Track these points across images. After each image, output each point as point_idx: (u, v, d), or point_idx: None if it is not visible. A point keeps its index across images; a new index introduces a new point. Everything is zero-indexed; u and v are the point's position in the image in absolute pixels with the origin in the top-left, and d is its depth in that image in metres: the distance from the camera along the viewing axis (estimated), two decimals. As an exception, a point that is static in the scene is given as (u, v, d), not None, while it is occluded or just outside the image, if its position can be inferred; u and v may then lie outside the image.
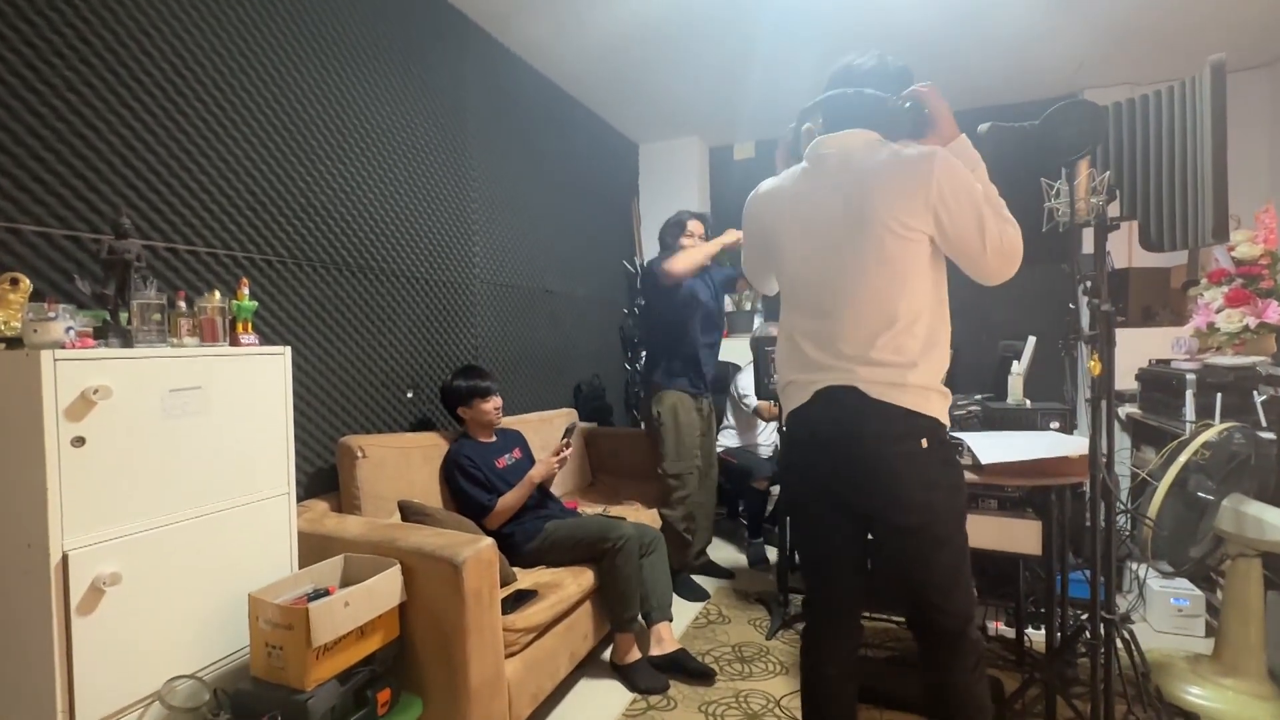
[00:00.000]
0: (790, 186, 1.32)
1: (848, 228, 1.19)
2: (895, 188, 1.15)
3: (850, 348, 1.18)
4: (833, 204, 1.21)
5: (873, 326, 1.16)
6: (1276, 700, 1.72)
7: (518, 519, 2.08)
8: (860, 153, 1.21)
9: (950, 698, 1.21)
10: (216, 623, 1.32)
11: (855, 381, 1.17)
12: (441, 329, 2.51)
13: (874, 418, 1.16)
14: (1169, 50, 3.02)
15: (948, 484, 1.20)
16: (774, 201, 1.35)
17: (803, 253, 1.27)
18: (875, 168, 1.17)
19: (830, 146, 1.25)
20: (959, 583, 1.20)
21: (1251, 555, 1.75)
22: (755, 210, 1.40)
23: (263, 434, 1.43)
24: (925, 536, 1.18)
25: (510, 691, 1.56)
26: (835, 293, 1.21)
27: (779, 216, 1.32)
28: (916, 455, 1.16)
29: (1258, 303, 2.21)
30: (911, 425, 1.16)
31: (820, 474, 1.24)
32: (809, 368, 1.24)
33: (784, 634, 2.28)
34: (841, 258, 1.20)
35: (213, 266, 1.68)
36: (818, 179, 1.26)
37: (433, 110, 2.48)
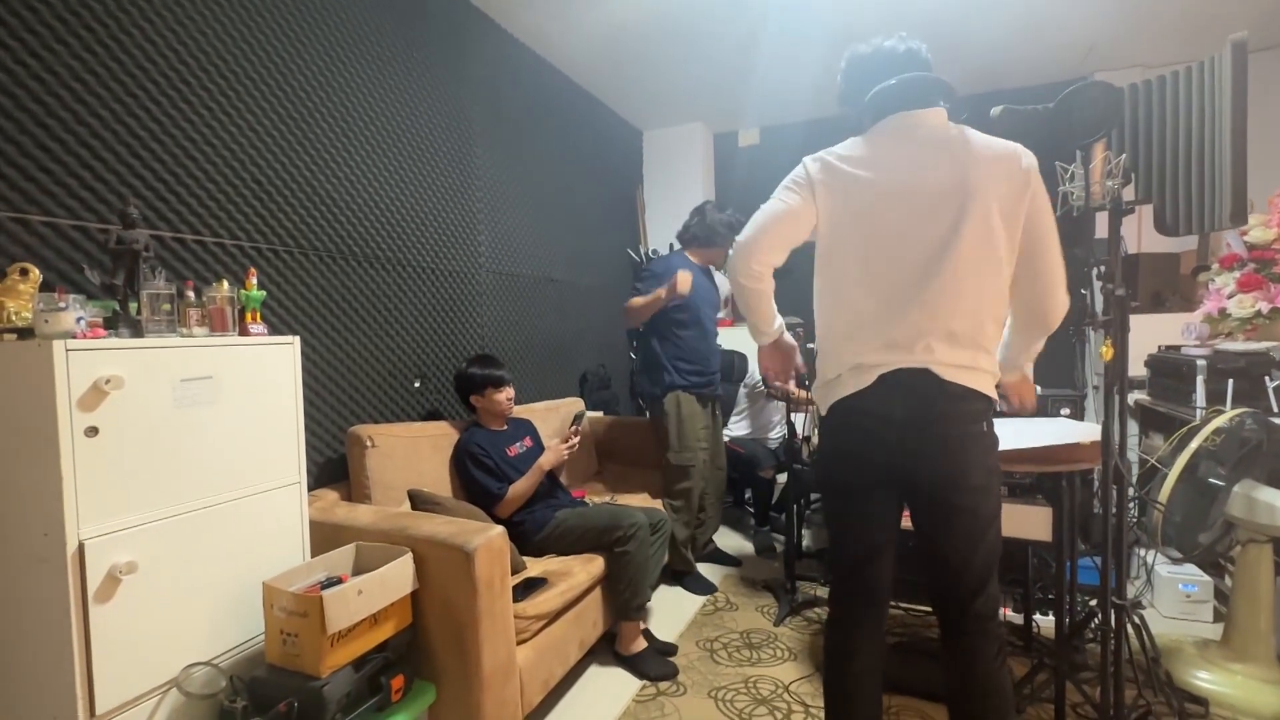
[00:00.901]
0: (873, 154, 1.23)
1: (950, 203, 1.15)
2: (999, 170, 1.14)
3: (935, 324, 1.15)
4: (935, 177, 1.17)
5: (964, 306, 1.15)
6: (1286, 685, 1.72)
7: (528, 508, 2.08)
8: (949, 130, 1.20)
9: (976, 686, 1.21)
10: (231, 610, 1.33)
11: (930, 363, 1.15)
12: (448, 319, 2.51)
13: (945, 399, 1.15)
14: (1182, 32, 2.98)
15: (996, 467, 1.21)
16: (859, 166, 1.23)
17: (893, 226, 1.19)
18: (973, 148, 1.16)
19: (918, 121, 1.21)
20: (995, 567, 1.21)
21: (1262, 541, 1.75)
22: (831, 172, 1.25)
23: (273, 423, 1.43)
24: (980, 517, 1.18)
25: (522, 678, 1.57)
26: (926, 268, 1.16)
27: (869, 184, 1.21)
28: (980, 437, 1.18)
29: (1270, 287, 2.19)
30: (977, 407, 1.17)
31: (882, 458, 1.21)
32: (874, 349, 1.19)
33: (791, 620, 2.29)
34: (941, 233, 1.15)
35: (220, 256, 1.68)
36: (911, 150, 1.20)
37: (437, 98, 2.46)
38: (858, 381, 1.20)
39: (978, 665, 1.21)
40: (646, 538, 1.98)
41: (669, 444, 2.54)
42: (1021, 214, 1.15)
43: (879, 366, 1.18)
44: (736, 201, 4.33)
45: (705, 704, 1.80)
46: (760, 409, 3.29)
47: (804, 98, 3.77)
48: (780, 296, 3.16)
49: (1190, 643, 1.94)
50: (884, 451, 1.20)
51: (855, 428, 1.24)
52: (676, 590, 2.56)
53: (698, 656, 2.05)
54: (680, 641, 2.14)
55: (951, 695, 1.26)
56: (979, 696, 1.21)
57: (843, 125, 1.31)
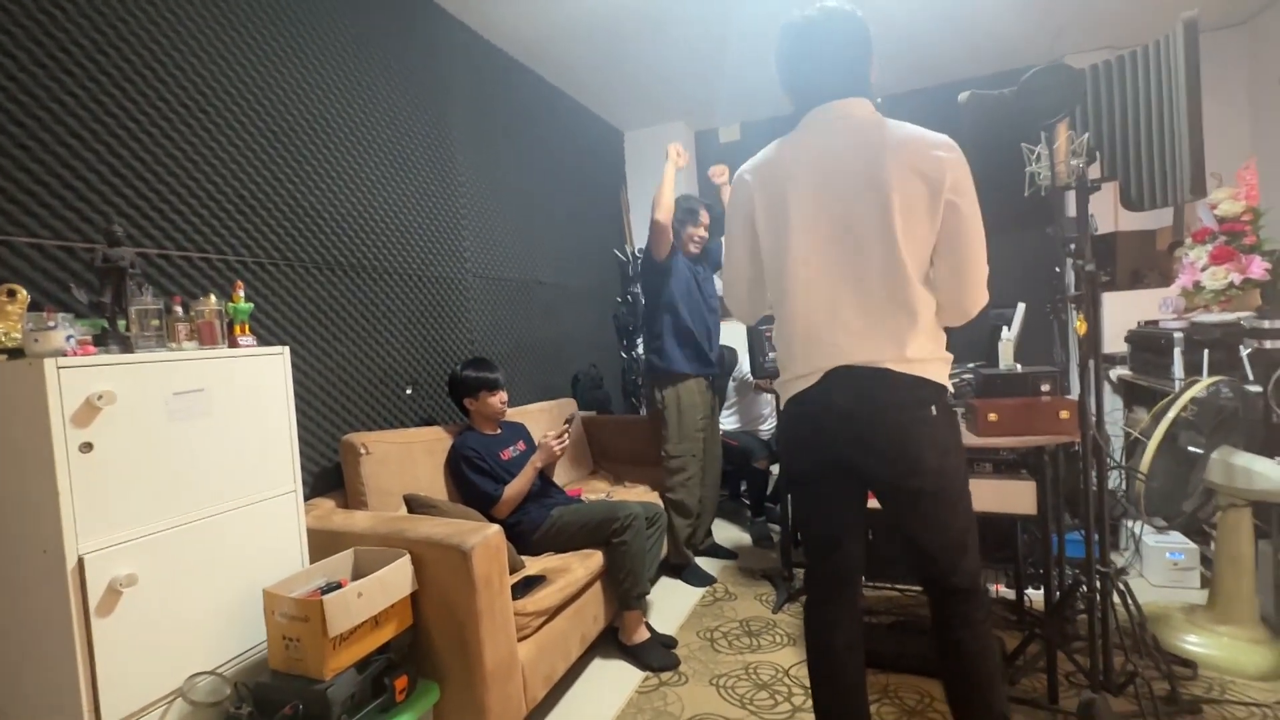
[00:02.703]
0: (792, 155, 1.25)
1: (865, 200, 1.16)
2: (910, 162, 1.14)
3: (867, 322, 1.18)
4: (849, 174, 1.18)
5: (891, 300, 1.16)
6: (1269, 644, 1.77)
7: (523, 509, 2.11)
8: (867, 121, 1.20)
9: (964, 651, 1.24)
10: (233, 619, 1.34)
11: (868, 361, 1.17)
12: (436, 325, 2.53)
13: (885, 388, 1.17)
14: (1146, 12, 3.03)
15: (955, 446, 1.22)
16: (778, 172, 1.26)
17: (812, 230, 1.21)
18: (888, 139, 1.16)
19: (838, 113, 1.22)
20: (969, 542, 1.23)
21: (1241, 505, 1.79)
22: (752, 185, 1.29)
23: (267, 433, 1.45)
24: (941, 500, 1.20)
25: (524, 673, 1.59)
26: (850, 268, 1.18)
27: (786, 190, 1.23)
28: (928, 421, 1.18)
29: (1241, 259, 2.24)
30: (922, 394, 1.18)
31: (830, 447, 1.24)
32: (816, 353, 1.22)
33: (790, 607, 2.32)
34: (860, 232, 1.17)
35: (206, 271, 1.69)
36: (827, 146, 1.21)
37: (416, 107, 2.48)
38: (805, 380, 1.24)
39: (963, 631, 1.24)
40: (643, 528, 2.01)
41: (667, 436, 2.57)
42: (939, 207, 1.14)
43: (820, 369, 1.22)
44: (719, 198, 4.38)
45: (707, 692, 1.83)
46: (750, 402, 3.33)
47: (780, 92, 3.81)
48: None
49: (1178, 608, 1.98)
50: (830, 441, 1.23)
51: (804, 419, 1.28)
52: (676, 583, 2.58)
53: (698, 646, 2.08)
54: (681, 633, 2.17)
55: (943, 666, 1.29)
56: (966, 660, 1.24)
57: None
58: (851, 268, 1.18)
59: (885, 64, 3.43)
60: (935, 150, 1.15)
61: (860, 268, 1.18)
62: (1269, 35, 3.09)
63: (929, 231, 1.16)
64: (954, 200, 1.14)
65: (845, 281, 1.19)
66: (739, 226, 1.34)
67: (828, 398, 1.22)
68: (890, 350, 1.17)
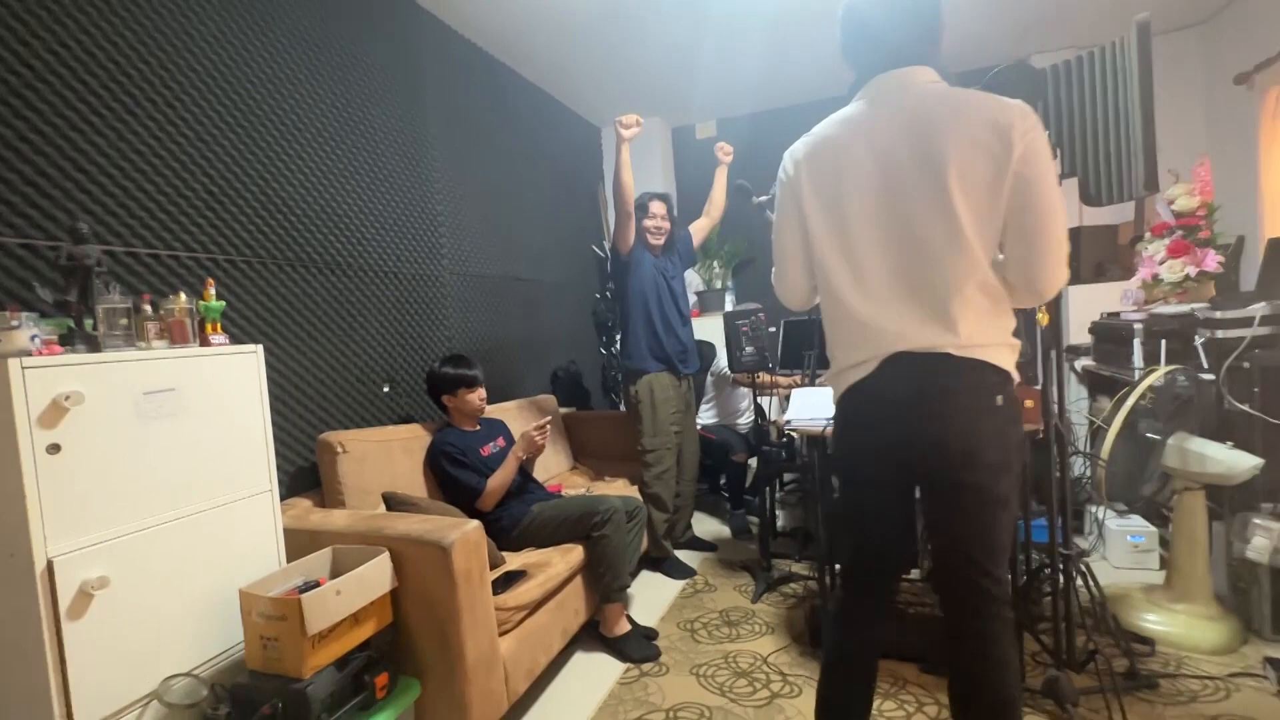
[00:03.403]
0: (846, 129, 1.16)
1: (922, 174, 1.07)
2: (972, 133, 1.04)
3: (924, 306, 1.10)
4: (903, 148, 1.09)
5: (950, 281, 1.08)
6: (1222, 620, 1.85)
7: (504, 505, 2.11)
8: (930, 90, 1.11)
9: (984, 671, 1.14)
10: (209, 620, 1.33)
11: (929, 346, 1.09)
12: (413, 322, 2.51)
13: (946, 373, 1.09)
14: (1108, 13, 3.12)
15: (1018, 442, 1.14)
16: (829, 147, 1.17)
17: (867, 208, 1.12)
18: (950, 109, 1.07)
19: (898, 83, 1.13)
20: (1008, 547, 1.15)
21: (1196, 488, 1.87)
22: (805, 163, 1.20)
23: (241, 432, 1.43)
24: (992, 498, 1.11)
25: (506, 668, 1.60)
26: (906, 249, 1.11)
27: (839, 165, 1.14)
28: (992, 412, 1.09)
29: (1196, 252, 2.33)
30: (988, 380, 1.09)
31: (888, 439, 1.16)
32: (872, 340, 1.14)
33: (768, 597, 2.36)
34: (916, 209, 1.09)
35: (175, 269, 1.66)
36: (884, 118, 1.12)
37: (389, 102, 2.45)
38: (860, 369, 1.17)
39: (994, 649, 1.13)
40: (622, 522, 2.03)
41: (642, 430, 2.59)
42: (1004, 180, 1.04)
43: (876, 355, 1.14)
44: (697, 194, 4.41)
45: (687, 681, 1.85)
46: (727, 396, 3.36)
47: (754, 88, 3.85)
48: (742, 283, 3.25)
49: (1138, 588, 2.06)
50: (889, 433, 1.15)
51: (860, 411, 1.20)
52: (656, 577, 2.61)
53: (679, 637, 2.11)
54: (661, 625, 2.20)
55: (957, 677, 1.20)
56: (987, 683, 1.14)
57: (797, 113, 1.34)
58: (908, 248, 1.10)
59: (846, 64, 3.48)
60: (1000, 119, 1.03)
61: (917, 248, 1.09)
62: (1224, 36, 3.20)
63: (995, 207, 1.06)
64: (1023, 172, 1.03)
65: (901, 263, 1.11)
66: (789, 207, 1.25)
67: (885, 386, 1.14)
68: (950, 334, 1.08)
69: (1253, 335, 1.85)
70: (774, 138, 4.16)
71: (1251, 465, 1.72)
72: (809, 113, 4.40)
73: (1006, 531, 1.14)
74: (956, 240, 1.07)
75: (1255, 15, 2.96)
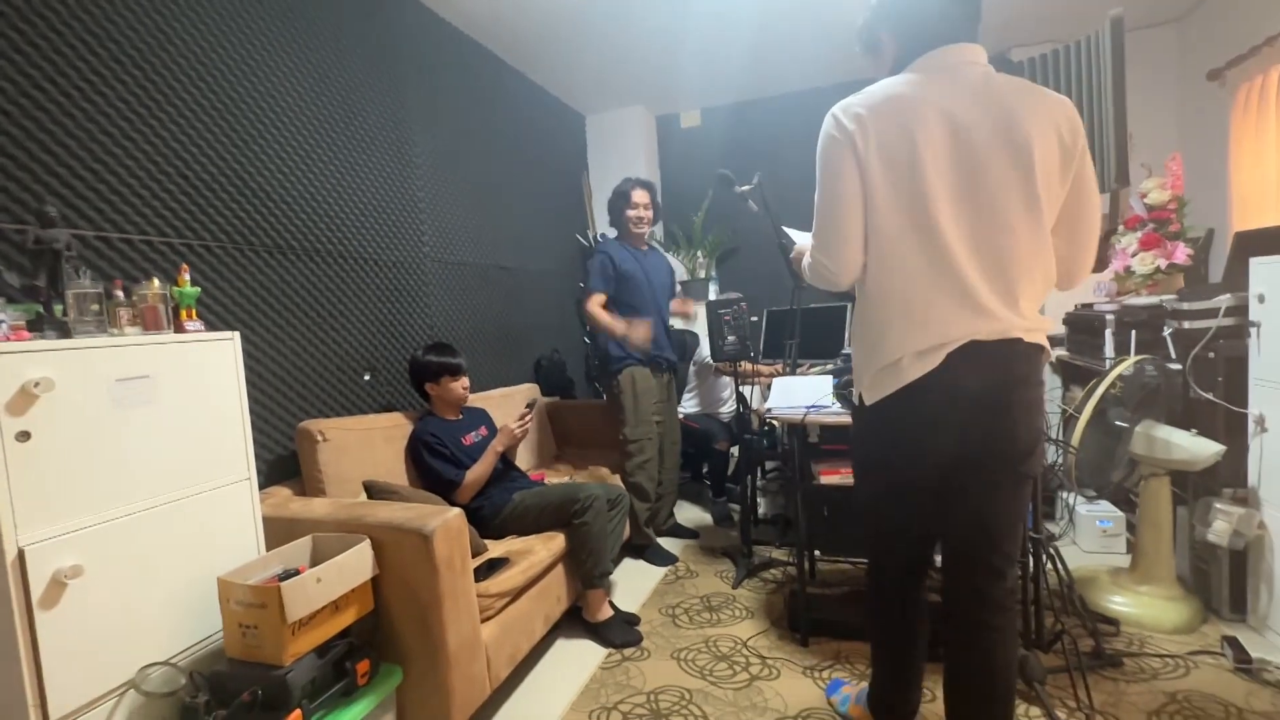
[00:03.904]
0: (914, 98, 1.08)
1: (1004, 153, 1.05)
2: (1052, 121, 1.05)
3: (1000, 287, 1.07)
4: (985, 124, 1.05)
5: (1024, 264, 1.07)
6: (1183, 601, 1.92)
7: (485, 493, 2.11)
8: (991, 71, 1.09)
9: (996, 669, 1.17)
10: (187, 609, 1.32)
11: (1001, 332, 1.07)
12: (395, 310, 2.49)
13: (1017, 361, 1.08)
14: (1086, 8, 3.16)
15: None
16: (899, 114, 1.08)
17: (943, 181, 1.07)
18: (1023, 94, 1.05)
19: (960, 57, 1.09)
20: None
21: (1161, 475, 1.93)
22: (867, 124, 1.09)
23: (218, 420, 1.42)
24: (1029, 483, 1.13)
25: (488, 654, 1.62)
26: (983, 225, 1.07)
27: (911, 134, 1.06)
28: (1041, 398, 1.11)
29: (1167, 245, 2.38)
30: (1039, 365, 1.10)
31: (952, 442, 1.11)
32: (939, 324, 1.08)
33: (749, 582, 2.39)
34: (995, 186, 1.05)
35: (149, 254, 1.63)
36: (955, 92, 1.07)
37: (370, 87, 2.41)
38: (923, 364, 1.09)
39: (1000, 651, 1.16)
40: (604, 509, 2.04)
41: (624, 420, 2.60)
42: (1071, 168, 1.07)
43: (946, 344, 1.08)
44: (681, 183, 4.41)
45: (668, 665, 1.88)
46: (710, 385, 3.38)
47: (741, 78, 3.84)
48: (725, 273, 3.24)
49: (1105, 571, 2.12)
50: (959, 431, 1.10)
51: (926, 409, 1.11)
52: (639, 564, 2.63)
53: (660, 622, 2.14)
54: (643, 610, 2.22)
55: (965, 668, 1.21)
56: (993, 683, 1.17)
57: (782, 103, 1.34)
58: (984, 217, 1.06)
59: (842, 52, 3.49)
60: (1070, 113, 1.06)
61: (994, 218, 1.06)
62: (1197, 33, 3.26)
63: (1061, 193, 1.08)
64: (1082, 169, 1.08)
65: (975, 233, 1.07)
66: (847, 168, 1.11)
67: (957, 380, 1.08)
68: (1019, 318, 1.07)
69: (1218, 326, 1.90)
70: (758, 128, 4.20)
71: (1214, 452, 1.78)
72: (794, 103, 4.41)
73: (1025, 509, 1.17)
74: (1035, 214, 1.05)
75: (1228, 12, 3.02)
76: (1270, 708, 1.53)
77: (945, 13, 1.10)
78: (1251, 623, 1.87)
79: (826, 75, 3.83)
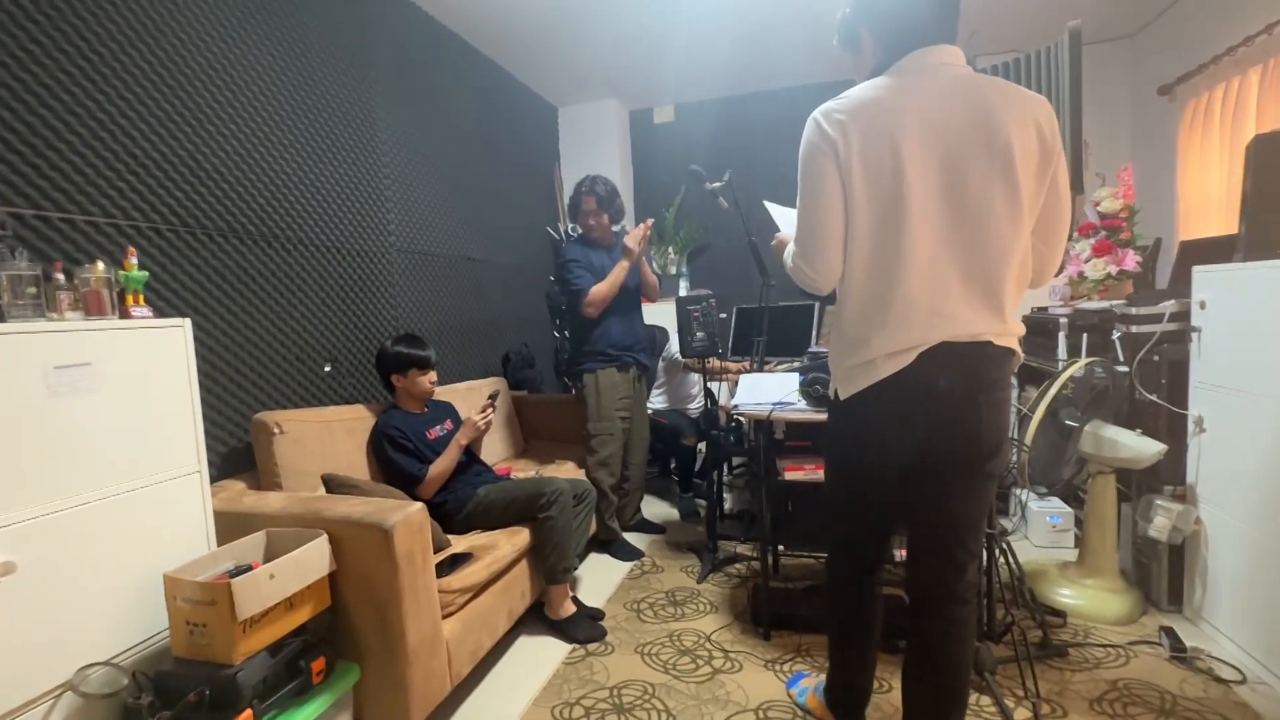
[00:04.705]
0: (894, 100, 1.08)
1: (984, 156, 1.05)
2: (1031, 123, 1.05)
3: (975, 289, 1.07)
4: (964, 128, 1.05)
5: (1001, 267, 1.07)
6: (1126, 593, 2.00)
7: (449, 488, 2.08)
8: (971, 72, 1.09)
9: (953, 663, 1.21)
10: (132, 607, 1.27)
11: (974, 335, 1.08)
12: (359, 300, 2.43)
13: (987, 363, 1.10)
14: (1049, 19, 3.25)
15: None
16: (879, 116, 1.07)
17: (922, 184, 1.07)
18: (1003, 95, 1.05)
19: (940, 58, 1.09)
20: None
21: (1108, 472, 2.01)
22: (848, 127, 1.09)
23: (166, 410, 1.36)
24: (994, 481, 1.16)
25: (449, 650, 1.59)
26: (961, 228, 1.07)
27: (892, 136, 1.06)
28: (1009, 399, 1.13)
29: (1118, 252, 2.48)
30: (1010, 367, 1.12)
31: (921, 439, 1.13)
32: (914, 325, 1.09)
33: (713, 577, 2.41)
34: (976, 189, 1.05)
35: (93, 236, 1.55)
36: (936, 93, 1.07)
37: (335, 69, 2.34)
38: (895, 361, 1.11)
39: (958, 643, 1.20)
40: (569, 504, 2.03)
41: (588, 415, 2.60)
42: (1049, 170, 1.07)
43: (918, 345, 1.09)
44: (654, 178, 4.40)
45: (632, 660, 1.88)
46: (679, 381, 3.40)
47: (715, 75, 3.85)
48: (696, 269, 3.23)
49: (1054, 565, 2.21)
50: (927, 427, 1.12)
51: (893, 408, 1.14)
52: (604, 558, 2.63)
53: (625, 617, 2.14)
54: (608, 605, 2.22)
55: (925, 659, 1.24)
56: (953, 674, 1.21)
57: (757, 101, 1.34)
58: (962, 229, 1.07)
59: (819, 53, 3.52)
60: (1048, 113, 1.07)
61: (973, 230, 1.07)
62: (1151, 49, 3.39)
63: (1040, 191, 1.08)
64: (1056, 171, 1.09)
65: (955, 244, 1.07)
66: (828, 172, 1.11)
67: (927, 379, 1.10)
68: (994, 321, 1.08)
69: (1162, 331, 1.99)
70: (732, 126, 4.22)
71: (1156, 451, 1.86)
72: (768, 102, 4.44)
73: (987, 509, 1.20)
74: (1016, 216, 1.06)
75: (1180, 31, 3.15)
76: (1202, 694, 1.61)
77: (925, 14, 1.10)
78: (1187, 614, 1.96)
79: (802, 75, 3.87)
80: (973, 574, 1.21)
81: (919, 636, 1.26)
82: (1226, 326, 1.78)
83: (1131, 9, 3.24)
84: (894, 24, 1.12)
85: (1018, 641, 1.69)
